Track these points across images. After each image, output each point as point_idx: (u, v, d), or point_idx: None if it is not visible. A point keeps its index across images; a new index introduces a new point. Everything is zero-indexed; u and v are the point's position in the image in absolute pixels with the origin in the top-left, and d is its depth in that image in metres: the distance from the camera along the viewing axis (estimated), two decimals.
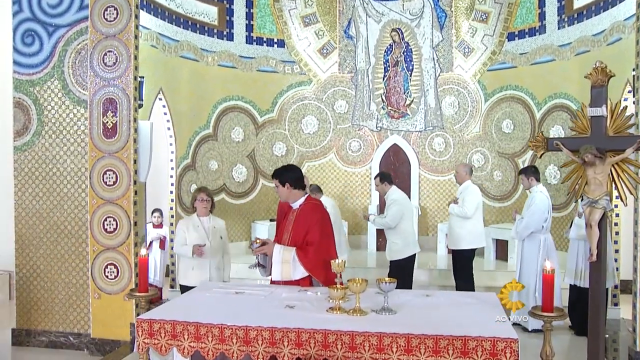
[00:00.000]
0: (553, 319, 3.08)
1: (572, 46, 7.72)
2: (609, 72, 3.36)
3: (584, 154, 3.38)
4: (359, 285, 3.16)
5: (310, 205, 4.18)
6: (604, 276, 3.45)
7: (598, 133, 3.48)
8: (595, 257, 3.46)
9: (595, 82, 3.32)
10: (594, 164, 3.40)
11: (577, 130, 3.62)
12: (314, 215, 4.09)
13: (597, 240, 3.43)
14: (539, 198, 6.06)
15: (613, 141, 3.51)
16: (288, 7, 9.41)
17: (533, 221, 6.02)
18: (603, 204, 3.39)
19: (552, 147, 3.61)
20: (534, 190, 6.20)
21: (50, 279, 5.95)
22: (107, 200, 5.74)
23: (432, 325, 2.93)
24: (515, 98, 8.91)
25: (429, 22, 9.56)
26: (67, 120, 5.89)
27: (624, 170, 3.41)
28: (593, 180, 3.41)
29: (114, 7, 5.68)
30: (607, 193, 3.42)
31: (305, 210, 4.12)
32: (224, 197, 8.90)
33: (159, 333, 3.08)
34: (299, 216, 4.11)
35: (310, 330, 2.88)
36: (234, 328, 2.97)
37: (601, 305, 3.32)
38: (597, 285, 3.44)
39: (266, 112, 9.44)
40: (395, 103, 9.78)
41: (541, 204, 6.03)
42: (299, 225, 4.06)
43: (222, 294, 3.72)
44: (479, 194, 6.88)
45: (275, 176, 4.19)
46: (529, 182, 6.23)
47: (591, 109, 3.37)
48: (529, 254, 6.11)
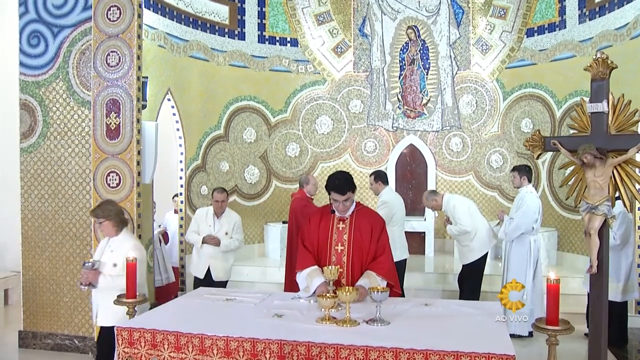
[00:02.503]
0: (558, 333, 2.85)
1: (593, 41, 7.39)
2: (611, 63, 3.03)
3: (582, 155, 3.04)
4: (349, 294, 2.99)
5: (367, 209, 3.87)
6: (606, 290, 3.10)
7: (599, 131, 3.13)
8: (596, 268, 3.11)
9: (595, 74, 2.99)
10: (593, 166, 3.05)
11: (577, 128, 3.27)
12: (379, 219, 3.82)
13: (597, 250, 3.08)
14: (529, 198, 5.85)
15: (615, 140, 3.16)
16: (301, 5, 9.26)
17: (524, 222, 5.80)
18: (604, 210, 3.03)
19: (550, 147, 3.28)
20: (523, 190, 5.97)
21: (56, 281, 5.92)
22: None
23: (426, 338, 2.73)
24: (535, 96, 8.60)
25: (446, 19, 9.30)
26: (71, 121, 5.85)
27: (627, 173, 3.06)
28: (593, 183, 3.06)
29: (117, 7, 5.62)
30: (608, 198, 3.06)
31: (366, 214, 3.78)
32: (235, 198, 8.79)
33: (139, 342, 2.96)
34: (358, 223, 3.70)
35: (293, 342, 2.72)
36: (214, 338, 2.82)
37: (602, 323, 2.98)
38: (598, 301, 3.08)
39: (279, 112, 9.30)
40: (411, 102, 9.54)
41: (532, 204, 5.82)
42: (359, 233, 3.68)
43: (212, 300, 3.59)
44: (464, 201, 6.50)
45: (348, 189, 3.63)
46: (520, 181, 6.00)
47: (591, 104, 3.05)
48: (517, 256, 5.89)
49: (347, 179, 3.65)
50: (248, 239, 9.00)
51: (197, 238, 5.98)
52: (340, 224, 3.73)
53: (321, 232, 3.76)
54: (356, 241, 3.66)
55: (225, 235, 5.99)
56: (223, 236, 5.97)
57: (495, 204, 9.21)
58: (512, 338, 5.85)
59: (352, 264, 3.62)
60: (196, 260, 6.12)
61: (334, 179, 3.67)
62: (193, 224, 6.15)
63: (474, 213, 6.37)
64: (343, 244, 3.67)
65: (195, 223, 6.11)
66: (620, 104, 3.10)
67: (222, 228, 6.00)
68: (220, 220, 6.03)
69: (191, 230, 6.12)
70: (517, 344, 5.75)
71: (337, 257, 3.65)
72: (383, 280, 3.48)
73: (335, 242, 3.70)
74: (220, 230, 5.99)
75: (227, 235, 6.00)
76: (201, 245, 5.97)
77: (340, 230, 3.71)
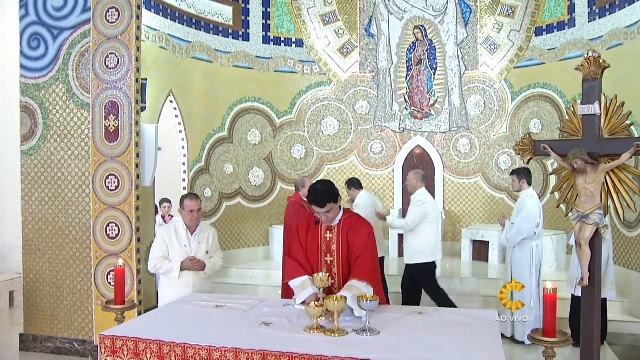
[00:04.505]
0: (555, 345, 2.72)
1: (603, 40, 7.21)
2: (603, 62, 2.85)
3: (572, 160, 2.87)
4: (337, 303, 2.89)
5: (354, 217, 3.68)
6: (599, 303, 2.91)
7: (590, 135, 2.96)
8: (587, 281, 2.93)
9: (587, 74, 2.82)
10: (584, 172, 2.88)
11: (568, 131, 3.10)
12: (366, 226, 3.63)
13: (588, 261, 2.90)
14: (530, 202, 5.71)
15: (607, 144, 2.97)
16: (307, 5, 9.17)
17: (525, 227, 5.65)
18: (595, 219, 2.85)
19: (540, 152, 3.10)
20: (523, 195, 5.84)
21: (56, 285, 5.89)
22: (109, 205, 5.63)
23: (415, 349, 2.64)
24: (544, 96, 8.42)
25: (453, 19, 9.15)
26: (71, 124, 5.82)
27: (621, 179, 2.88)
28: (584, 190, 2.89)
29: (116, 8, 5.57)
30: (600, 206, 2.89)
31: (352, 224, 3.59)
32: (240, 201, 8.73)
33: (121, 350, 2.89)
34: (347, 231, 3.55)
35: (277, 352, 2.63)
36: (197, 348, 2.75)
37: (595, 338, 2.83)
38: (590, 314, 2.90)
39: (284, 114, 9.22)
40: (418, 103, 9.41)
41: (533, 209, 5.67)
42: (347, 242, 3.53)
43: (202, 307, 3.51)
44: (430, 204, 6.27)
45: (327, 200, 3.43)
46: (519, 185, 5.87)
47: (582, 106, 2.89)
48: (520, 262, 5.74)
49: (327, 191, 3.47)
50: (253, 241, 8.94)
51: (172, 266, 4.47)
52: (328, 234, 3.60)
53: (310, 243, 3.62)
54: (344, 251, 3.52)
55: (206, 254, 4.63)
56: (204, 256, 4.60)
57: (504, 206, 9.05)
58: (515, 344, 5.73)
59: (343, 275, 3.50)
60: (169, 295, 4.41)
61: (313, 190, 3.52)
62: (156, 249, 4.58)
63: (433, 221, 6.22)
64: (332, 254, 3.55)
65: (163, 245, 4.56)
66: (613, 105, 2.93)
67: (201, 246, 4.61)
68: (196, 236, 4.62)
69: (156, 257, 4.55)
70: (522, 351, 5.64)
71: (328, 268, 3.54)
72: (368, 286, 3.29)
73: (324, 252, 3.58)
74: (199, 250, 4.59)
75: (208, 254, 4.64)
76: (179, 275, 4.48)
77: (328, 241, 3.58)
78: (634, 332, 6.13)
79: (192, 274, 4.51)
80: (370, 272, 3.39)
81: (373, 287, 3.30)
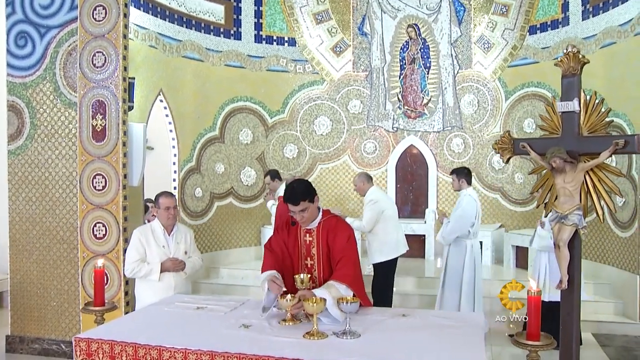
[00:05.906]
0: (539, 349, 2.66)
1: (596, 38, 7.16)
2: (582, 58, 2.81)
3: (550, 159, 2.79)
4: (315, 306, 2.83)
5: (334, 219, 3.55)
6: (578, 307, 2.82)
7: (570, 133, 2.88)
8: (566, 284, 2.85)
9: (566, 70, 2.78)
10: (563, 171, 2.80)
11: (547, 129, 3.06)
12: (346, 227, 3.52)
13: (567, 264, 2.82)
14: (466, 201, 5.74)
15: (587, 142, 2.90)
16: (299, 4, 9.11)
17: (459, 225, 5.71)
18: (574, 220, 2.77)
19: (519, 150, 3.04)
20: (462, 194, 5.86)
21: (43, 285, 5.84)
22: (96, 205, 5.58)
23: (395, 352, 2.58)
24: (538, 95, 8.37)
25: (447, 17, 9.10)
26: (58, 123, 5.77)
27: (600, 179, 2.80)
28: (562, 190, 2.80)
29: (103, 7, 5.52)
30: (579, 207, 2.81)
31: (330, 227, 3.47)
32: (231, 200, 8.67)
33: (96, 353, 2.83)
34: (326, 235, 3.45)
35: (253, 356, 2.58)
36: (172, 351, 2.69)
37: (574, 343, 2.77)
38: (569, 318, 2.82)
39: (276, 113, 9.16)
40: (412, 102, 9.36)
41: (468, 208, 5.71)
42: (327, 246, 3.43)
43: (182, 309, 3.46)
44: (383, 202, 6.24)
45: (300, 198, 3.33)
46: (459, 184, 5.90)
47: (561, 103, 2.83)
48: (453, 260, 5.80)
49: (301, 188, 3.38)
50: (244, 241, 8.88)
51: (151, 268, 4.41)
52: (307, 237, 3.51)
53: (289, 245, 3.55)
54: (325, 255, 3.44)
55: (185, 255, 4.60)
56: (183, 257, 4.56)
57: (498, 206, 9.00)
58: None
59: (324, 279, 3.42)
60: (149, 298, 4.23)
61: (287, 188, 3.44)
62: (133, 252, 4.49)
63: (390, 218, 6.21)
64: (312, 258, 3.48)
65: (140, 247, 4.48)
66: (593, 102, 2.85)
67: (180, 247, 4.57)
68: (173, 236, 4.58)
69: (134, 260, 4.47)
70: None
71: (308, 271, 3.46)
72: (348, 289, 3.21)
73: (304, 256, 3.51)
74: (178, 251, 4.55)
75: (187, 255, 4.62)
76: (159, 277, 4.41)
77: (308, 244, 3.50)
78: (627, 333, 6.10)
79: (173, 275, 4.46)
80: (352, 276, 3.30)
81: (354, 290, 3.22)
